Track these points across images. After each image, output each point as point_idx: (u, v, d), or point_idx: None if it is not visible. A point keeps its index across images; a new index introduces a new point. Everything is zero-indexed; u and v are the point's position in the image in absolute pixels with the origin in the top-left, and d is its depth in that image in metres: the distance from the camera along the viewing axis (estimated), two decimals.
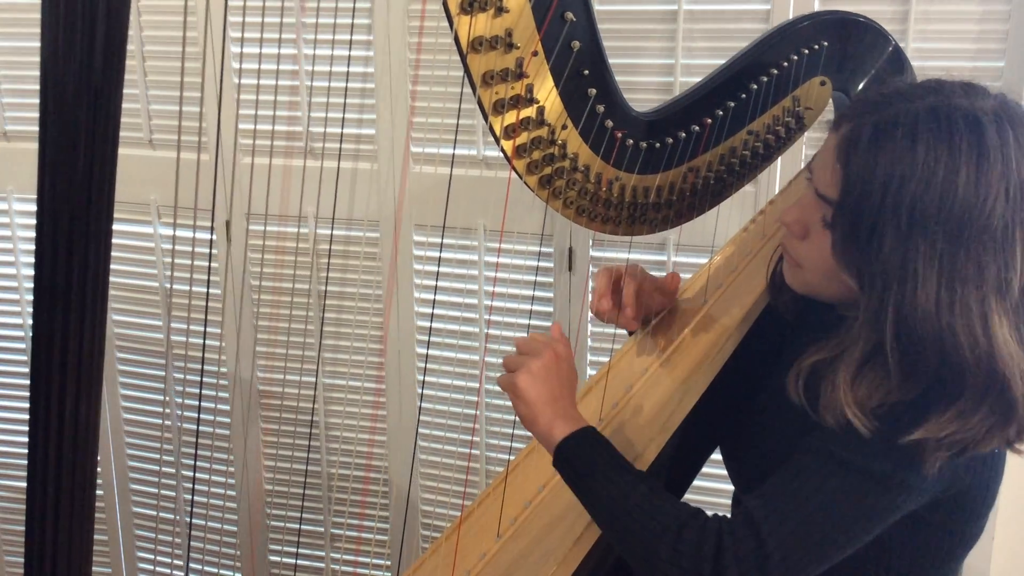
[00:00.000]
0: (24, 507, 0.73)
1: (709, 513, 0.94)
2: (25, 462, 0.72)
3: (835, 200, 0.91)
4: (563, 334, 1.07)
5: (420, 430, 1.88)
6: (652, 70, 1.64)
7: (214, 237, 1.88)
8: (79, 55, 0.66)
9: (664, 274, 1.26)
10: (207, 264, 1.88)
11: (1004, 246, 0.86)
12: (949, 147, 0.85)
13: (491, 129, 0.99)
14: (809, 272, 1.00)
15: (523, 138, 1.01)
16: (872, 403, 0.89)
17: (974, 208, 0.84)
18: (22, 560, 0.73)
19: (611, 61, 1.02)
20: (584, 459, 0.97)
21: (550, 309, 1.79)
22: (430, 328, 1.83)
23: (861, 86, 1.17)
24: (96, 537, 1.84)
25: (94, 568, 2.04)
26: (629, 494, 0.93)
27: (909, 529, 0.95)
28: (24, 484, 0.73)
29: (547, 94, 1.00)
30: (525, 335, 1.07)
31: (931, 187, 0.85)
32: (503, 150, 1.01)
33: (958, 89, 0.90)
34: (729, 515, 0.95)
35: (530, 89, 0.98)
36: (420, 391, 1.88)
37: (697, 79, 1.13)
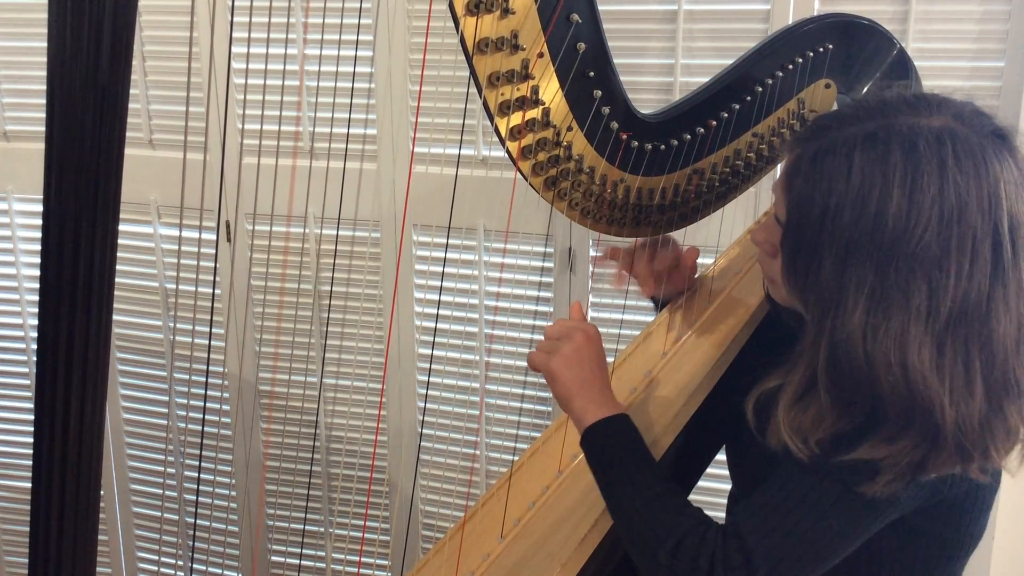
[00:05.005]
0: (26, 507, 0.72)
1: (717, 518, 0.94)
2: (26, 462, 0.72)
3: (783, 224, 0.92)
4: (582, 314, 1.08)
5: (421, 431, 1.88)
6: (652, 70, 1.63)
7: (217, 237, 1.87)
8: (86, 55, 0.66)
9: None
10: (212, 264, 1.88)
11: (933, 272, 0.84)
12: (883, 173, 0.85)
13: (496, 130, 0.99)
14: (783, 288, 1.01)
15: (528, 139, 1.01)
16: (817, 434, 0.89)
17: (904, 234, 0.84)
18: (24, 560, 0.73)
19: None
20: (607, 448, 1.00)
21: (551, 309, 1.79)
22: (434, 328, 1.83)
23: (866, 89, 1.17)
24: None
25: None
26: (643, 492, 0.96)
27: (899, 537, 0.96)
28: (27, 484, 0.73)
29: (552, 96, 1.00)
30: (530, 335, 1.08)
31: (864, 214, 0.85)
32: (508, 152, 1.01)
33: (903, 107, 0.89)
34: (723, 513, 0.96)
35: (536, 91, 0.98)
36: (423, 391, 1.88)
37: (697, 79, 1.13)
